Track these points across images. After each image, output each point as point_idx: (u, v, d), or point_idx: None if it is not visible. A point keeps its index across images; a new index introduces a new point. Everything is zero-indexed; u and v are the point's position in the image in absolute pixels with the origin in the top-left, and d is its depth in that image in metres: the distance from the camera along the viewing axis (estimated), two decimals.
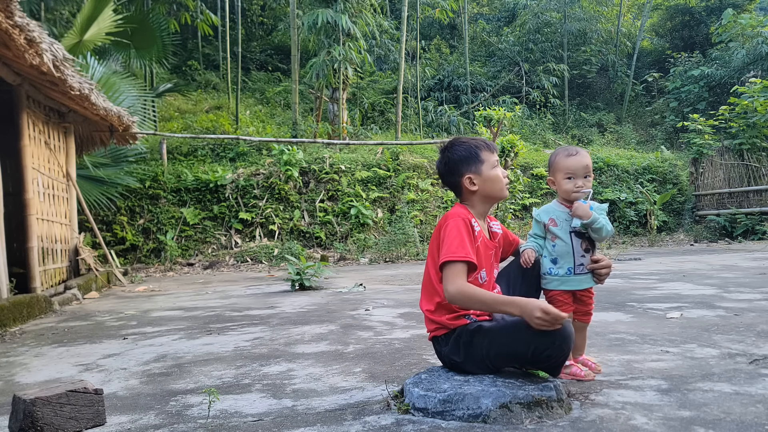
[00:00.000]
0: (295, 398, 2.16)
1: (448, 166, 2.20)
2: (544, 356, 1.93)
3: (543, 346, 1.91)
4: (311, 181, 11.00)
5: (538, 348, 1.91)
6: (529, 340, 1.91)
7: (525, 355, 1.95)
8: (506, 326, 1.99)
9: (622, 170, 13.51)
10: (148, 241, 9.75)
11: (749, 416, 1.76)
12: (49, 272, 6.02)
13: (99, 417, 1.93)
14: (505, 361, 2.02)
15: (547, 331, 1.88)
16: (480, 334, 2.01)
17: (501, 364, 2.03)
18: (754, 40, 16.23)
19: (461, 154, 2.17)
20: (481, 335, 2.01)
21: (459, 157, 2.17)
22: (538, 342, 1.90)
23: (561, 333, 1.90)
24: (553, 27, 19.97)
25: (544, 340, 1.90)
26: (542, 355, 1.93)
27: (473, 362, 2.02)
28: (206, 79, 16.99)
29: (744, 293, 4.41)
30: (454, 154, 2.19)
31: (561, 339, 1.90)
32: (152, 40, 10.72)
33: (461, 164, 2.17)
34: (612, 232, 2.22)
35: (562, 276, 2.24)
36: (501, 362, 2.03)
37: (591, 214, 2.17)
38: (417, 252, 9.80)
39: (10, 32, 4.07)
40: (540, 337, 1.89)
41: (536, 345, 1.91)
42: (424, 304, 2.18)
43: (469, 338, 2.02)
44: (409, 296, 5.03)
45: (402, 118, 15.57)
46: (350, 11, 12.84)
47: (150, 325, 4.07)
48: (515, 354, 1.98)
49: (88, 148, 8.20)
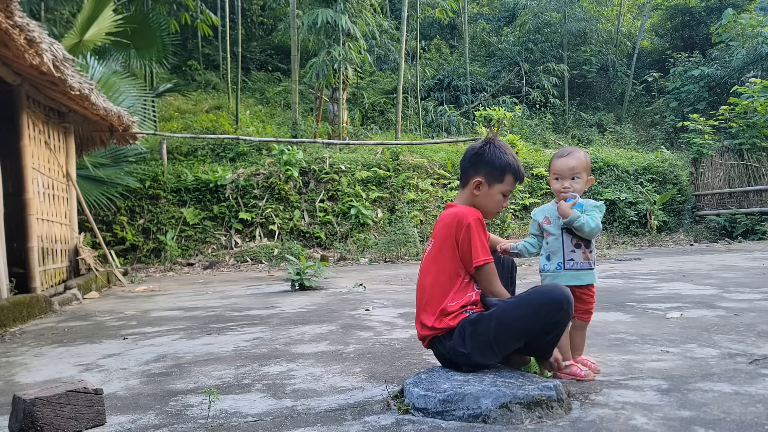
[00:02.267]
0: (295, 398, 2.16)
1: (476, 157, 2.23)
2: (553, 323, 2.02)
3: (552, 312, 1.99)
4: (311, 181, 11.00)
5: (548, 315, 1.99)
6: (538, 311, 1.99)
7: (535, 328, 2.01)
8: (513, 304, 2.05)
9: (622, 170, 13.51)
10: (148, 241, 9.76)
11: (749, 416, 1.76)
12: (49, 272, 6.02)
13: (99, 417, 1.93)
14: (513, 340, 2.05)
15: (554, 297, 1.99)
16: (484, 320, 2.04)
17: (509, 345, 2.07)
18: (754, 40, 16.23)
19: (494, 160, 2.19)
20: (485, 320, 2.03)
21: (490, 159, 2.20)
22: (547, 309, 1.98)
23: (566, 296, 2.00)
24: (553, 27, 19.97)
25: (553, 306, 1.99)
26: (552, 321, 2.01)
27: (479, 350, 2.03)
28: (206, 79, 17.00)
29: (744, 293, 4.41)
30: (490, 154, 2.20)
31: (567, 302, 1.99)
32: (152, 40, 10.72)
33: (486, 166, 2.20)
34: (598, 229, 2.25)
35: (553, 271, 2.30)
36: (509, 343, 2.06)
37: (570, 213, 2.22)
38: (417, 252, 9.80)
39: (10, 32, 4.07)
40: (549, 304, 1.98)
41: (545, 312, 1.98)
42: (427, 318, 2.13)
43: (473, 327, 2.04)
44: (409, 296, 5.03)
45: (402, 118, 15.57)
46: (350, 11, 12.84)
47: (150, 325, 4.07)
48: (525, 329, 2.02)
49: (88, 148, 8.20)
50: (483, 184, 2.19)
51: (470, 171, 2.23)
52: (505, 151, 2.21)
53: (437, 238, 2.18)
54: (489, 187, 2.19)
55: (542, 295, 2.02)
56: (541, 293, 2.04)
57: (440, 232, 2.17)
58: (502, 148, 2.22)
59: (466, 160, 2.26)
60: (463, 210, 2.15)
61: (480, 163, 2.21)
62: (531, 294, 2.05)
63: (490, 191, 2.19)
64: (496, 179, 2.19)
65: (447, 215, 2.18)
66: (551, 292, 2.02)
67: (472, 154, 2.24)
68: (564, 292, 2.02)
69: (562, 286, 2.07)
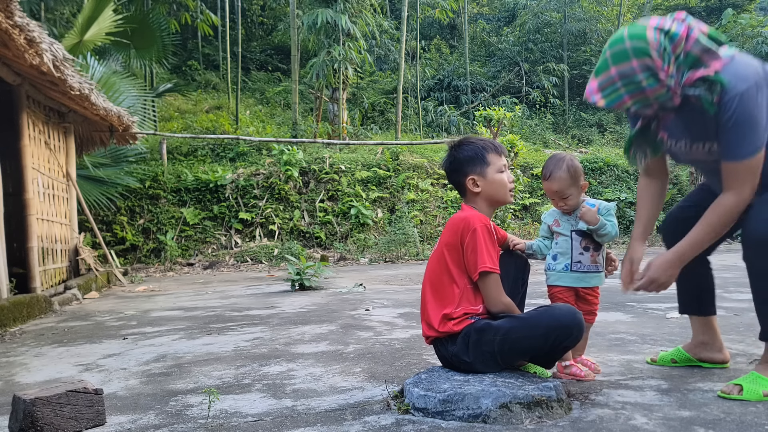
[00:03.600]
0: (295, 398, 2.16)
1: (453, 164, 2.21)
2: (561, 347, 2.02)
3: (562, 336, 1.98)
4: (311, 181, 11.00)
5: (557, 339, 1.98)
6: (547, 335, 1.96)
7: (543, 348, 2.00)
8: (521, 322, 2.01)
9: (622, 170, 13.50)
10: (148, 241, 9.75)
11: (749, 416, 1.76)
12: (49, 272, 6.02)
13: (99, 417, 1.93)
14: (519, 355, 2.05)
15: (565, 323, 1.96)
16: (490, 331, 2.00)
17: (513, 359, 2.06)
18: (754, 40, 16.24)
19: (467, 154, 2.17)
20: (491, 332, 2.00)
21: (465, 156, 2.18)
22: (558, 333, 1.97)
23: (577, 323, 1.98)
24: (553, 27, 19.98)
25: (563, 331, 1.97)
26: (560, 346, 2.01)
27: (482, 360, 2.01)
28: (206, 79, 17.00)
29: (744, 293, 4.40)
30: (460, 153, 2.19)
31: (578, 329, 1.98)
32: (152, 40, 10.72)
33: (466, 164, 2.17)
34: (617, 234, 2.24)
35: (558, 271, 2.29)
36: (514, 357, 2.05)
37: (598, 220, 2.20)
38: (417, 252, 9.80)
39: (10, 32, 4.07)
40: (559, 330, 1.97)
41: (555, 336, 1.97)
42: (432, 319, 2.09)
43: (478, 336, 2.01)
44: (409, 296, 5.03)
45: (402, 118, 15.57)
46: (350, 11, 12.84)
47: (150, 325, 4.07)
48: (532, 347, 2.00)
49: (88, 148, 8.20)
50: (476, 179, 2.15)
51: (458, 178, 2.20)
52: (469, 140, 2.21)
53: (444, 241, 2.14)
54: (483, 177, 2.15)
55: (553, 319, 1.98)
56: (552, 317, 1.99)
57: (449, 235, 2.12)
58: (464, 142, 2.21)
59: (448, 173, 2.25)
60: (472, 215, 2.10)
61: (459, 165, 2.18)
62: (542, 315, 2.01)
63: (487, 179, 2.15)
64: (482, 166, 2.15)
65: (457, 219, 2.13)
66: (563, 317, 1.99)
67: (448, 165, 2.23)
68: (575, 318, 1.98)
69: (574, 310, 2.02)
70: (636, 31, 1.88)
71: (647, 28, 1.88)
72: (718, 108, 1.86)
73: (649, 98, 1.92)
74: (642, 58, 1.86)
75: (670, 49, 1.86)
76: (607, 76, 1.91)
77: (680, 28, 1.88)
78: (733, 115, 1.85)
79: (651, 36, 1.86)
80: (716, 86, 1.85)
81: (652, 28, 1.87)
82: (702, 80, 1.87)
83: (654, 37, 1.86)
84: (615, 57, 1.89)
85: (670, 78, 1.88)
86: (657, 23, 1.89)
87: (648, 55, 1.85)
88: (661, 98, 1.92)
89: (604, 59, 1.92)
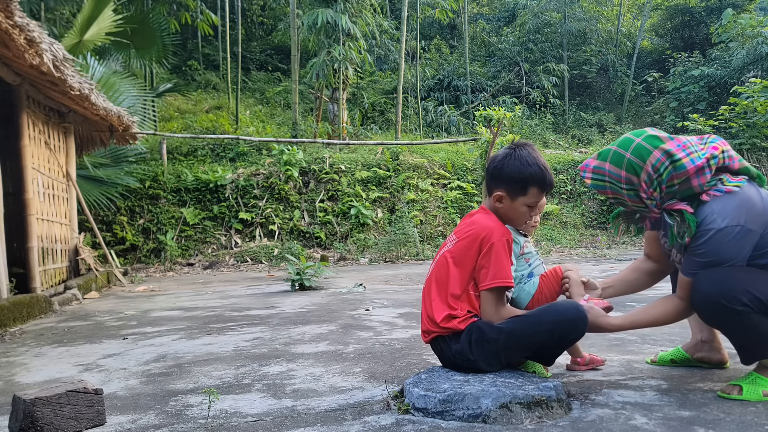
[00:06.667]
0: (295, 398, 2.16)
1: (496, 170, 2.12)
2: (567, 340, 2.05)
3: (569, 329, 2.00)
4: (311, 181, 11.00)
5: (563, 333, 1.99)
6: (554, 329, 1.98)
7: (549, 343, 2.01)
8: (528, 318, 2.03)
9: None
10: (148, 241, 9.75)
11: (749, 416, 1.76)
12: (49, 272, 6.02)
13: (99, 417, 1.93)
14: (523, 351, 2.05)
15: (569, 317, 1.98)
16: (494, 328, 2.01)
17: (518, 355, 2.07)
18: (754, 40, 16.22)
19: (514, 173, 2.07)
20: (496, 329, 2.01)
21: (510, 173, 2.08)
22: (563, 328, 1.98)
23: (582, 316, 2.00)
24: (553, 27, 19.96)
25: (568, 325, 1.99)
26: (566, 339, 2.03)
27: (486, 359, 2.01)
28: (206, 79, 16.99)
29: None
30: (510, 168, 2.08)
31: (583, 322, 2.01)
32: (152, 40, 10.72)
33: (506, 180, 2.09)
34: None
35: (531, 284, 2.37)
36: (518, 353, 2.06)
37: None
38: (417, 252, 9.80)
39: (10, 32, 4.07)
40: (564, 323, 1.98)
41: (561, 330, 1.98)
42: (436, 314, 2.09)
43: (483, 333, 2.01)
44: (409, 296, 5.03)
45: (402, 118, 15.57)
46: (350, 11, 12.84)
47: (150, 325, 4.07)
48: (539, 343, 2.01)
49: (88, 148, 8.20)
50: (505, 198, 2.10)
51: (491, 184, 2.14)
52: (527, 162, 2.06)
53: (460, 241, 2.10)
54: (511, 201, 2.10)
55: (557, 314, 1.99)
56: (556, 312, 2.00)
57: (466, 240, 2.08)
58: (524, 158, 2.07)
59: (488, 173, 2.16)
60: (496, 227, 2.07)
61: (500, 177, 2.10)
62: (545, 311, 2.02)
63: (513, 204, 2.10)
64: (518, 193, 2.08)
65: (480, 225, 2.08)
66: (566, 311, 1.99)
67: (493, 167, 2.13)
68: (579, 311, 2.00)
69: (576, 304, 2.04)
70: (643, 147, 1.92)
71: (657, 148, 1.90)
72: (696, 230, 1.89)
73: (627, 203, 2.02)
74: (630, 174, 1.93)
75: (666, 176, 1.90)
76: (602, 165, 2.00)
77: (694, 163, 1.88)
78: (703, 245, 1.89)
79: (652, 158, 1.90)
80: (687, 226, 1.88)
81: (662, 150, 1.89)
82: (679, 212, 1.91)
83: (655, 160, 1.90)
84: (614, 156, 1.97)
85: (651, 200, 1.95)
86: (673, 146, 1.90)
87: (637, 175, 1.92)
88: (638, 208, 2.03)
89: (609, 149, 1.99)
